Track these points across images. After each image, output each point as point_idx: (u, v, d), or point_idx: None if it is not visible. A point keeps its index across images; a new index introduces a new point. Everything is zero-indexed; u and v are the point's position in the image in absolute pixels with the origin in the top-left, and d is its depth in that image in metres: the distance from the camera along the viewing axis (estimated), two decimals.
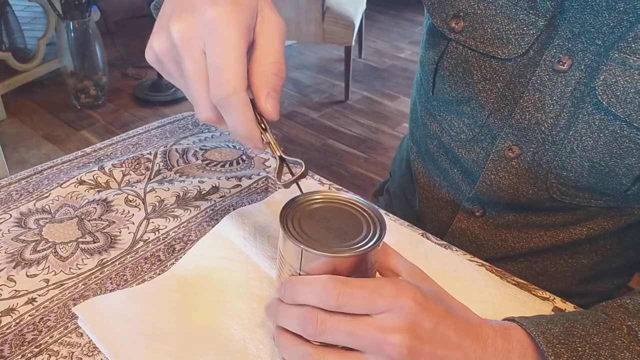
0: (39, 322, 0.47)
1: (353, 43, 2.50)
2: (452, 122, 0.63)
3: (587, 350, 0.38)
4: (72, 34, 2.30)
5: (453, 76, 0.59)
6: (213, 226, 0.57)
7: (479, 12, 0.55)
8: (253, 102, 0.40)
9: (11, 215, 0.59)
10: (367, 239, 0.39)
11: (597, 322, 0.41)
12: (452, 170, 0.67)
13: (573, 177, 0.56)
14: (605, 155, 0.52)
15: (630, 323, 0.40)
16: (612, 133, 0.51)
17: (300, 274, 0.39)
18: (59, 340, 0.45)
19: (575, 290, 0.68)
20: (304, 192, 0.42)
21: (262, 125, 0.41)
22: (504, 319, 0.42)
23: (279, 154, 0.42)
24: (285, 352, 0.40)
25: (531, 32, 0.53)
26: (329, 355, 0.37)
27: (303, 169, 0.42)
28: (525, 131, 0.57)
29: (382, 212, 0.63)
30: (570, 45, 0.52)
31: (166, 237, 0.57)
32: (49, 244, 0.55)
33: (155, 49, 0.40)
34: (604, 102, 0.50)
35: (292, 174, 0.42)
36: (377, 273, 0.43)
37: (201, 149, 0.71)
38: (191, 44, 0.38)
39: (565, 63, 0.52)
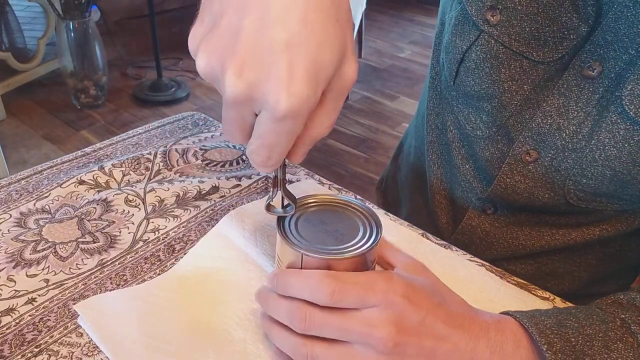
0: (38, 322, 0.47)
1: None
2: (469, 117, 0.61)
3: (581, 341, 0.39)
4: (72, 34, 2.30)
5: (479, 70, 0.56)
6: (213, 226, 0.57)
7: (519, 7, 0.51)
8: None
9: (11, 215, 0.59)
10: (364, 240, 0.39)
11: (590, 315, 0.41)
12: (464, 167, 0.65)
13: (593, 184, 0.54)
14: (628, 165, 0.51)
15: (623, 316, 0.41)
16: (638, 143, 0.49)
17: None
18: (59, 340, 0.45)
19: (582, 292, 0.68)
20: (297, 198, 0.42)
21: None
22: (499, 313, 0.43)
23: (278, 190, 0.41)
24: (275, 342, 0.41)
25: (571, 37, 0.50)
26: (317, 345, 0.38)
27: (294, 209, 0.41)
28: (545, 136, 0.55)
29: (382, 212, 0.63)
30: (601, 51, 0.49)
31: (166, 237, 0.57)
32: (49, 244, 0.55)
33: (200, 65, 0.32)
34: (630, 112, 0.48)
35: (282, 206, 0.42)
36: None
37: (201, 149, 0.72)
38: (243, 106, 0.32)
39: (595, 69, 0.50)
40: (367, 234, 0.40)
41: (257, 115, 0.33)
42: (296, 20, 0.30)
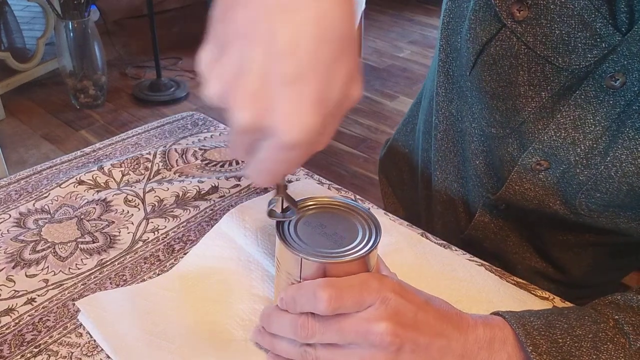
0: (38, 322, 0.47)
1: None
2: (482, 112, 0.57)
3: (569, 342, 0.39)
4: (71, 34, 2.30)
5: (496, 67, 0.52)
6: (212, 226, 0.56)
7: (552, 7, 0.46)
8: None
9: (10, 216, 0.59)
10: (363, 243, 0.39)
11: (582, 316, 0.41)
12: (474, 162, 0.62)
13: (607, 198, 0.52)
14: None
15: (617, 317, 0.40)
16: None
17: (298, 281, 0.40)
18: (59, 341, 0.45)
19: (593, 281, 0.68)
20: (296, 201, 0.42)
21: None
22: (490, 313, 0.43)
23: (279, 196, 0.41)
24: (278, 352, 0.42)
25: (603, 45, 0.46)
26: (321, 347, 0.39)
27: (295, 213, 0.41)
28: (558, 150, 0.52)
29: (381, 212, 0.63)
30: (625, 62, 0.45)
31: (165, 237, 0.57)
32: (48, 244, 0.55)
33: (210, 94, 0.32)
34: None
35: (282, 210, 0.42)
36: None
37: (200, 149, 0.71)
38: (252, 135, 0.32)
39: (618, 80, 0.46)
40: (367, 237, 0.40)
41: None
42: (305, 53, 0.29)
